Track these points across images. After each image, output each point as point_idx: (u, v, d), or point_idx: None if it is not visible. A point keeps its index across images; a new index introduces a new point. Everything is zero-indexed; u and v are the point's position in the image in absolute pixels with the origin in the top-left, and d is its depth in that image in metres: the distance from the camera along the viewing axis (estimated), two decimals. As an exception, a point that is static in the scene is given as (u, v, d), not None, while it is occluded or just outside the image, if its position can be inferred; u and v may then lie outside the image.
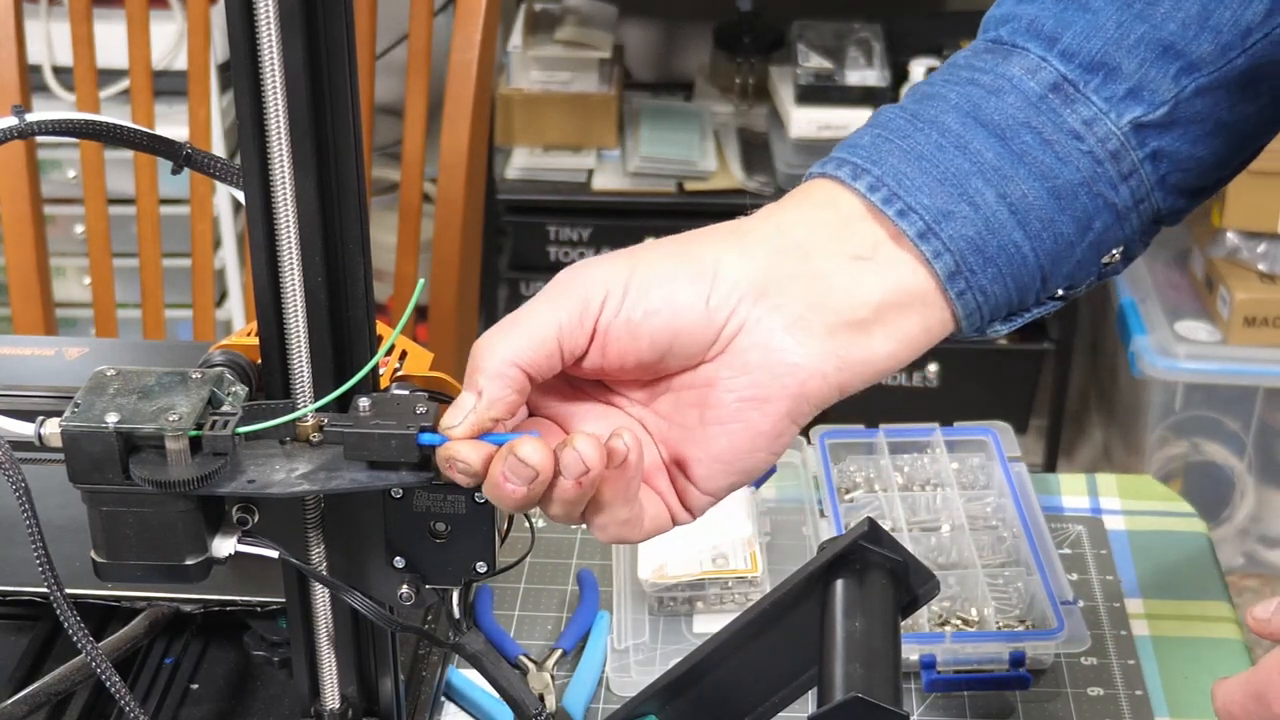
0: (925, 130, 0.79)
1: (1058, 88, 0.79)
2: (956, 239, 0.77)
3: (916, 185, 0.77)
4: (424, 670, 0.98)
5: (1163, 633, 1.06)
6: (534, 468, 0.71)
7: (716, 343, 0.76)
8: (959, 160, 0.78)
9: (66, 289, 2.39)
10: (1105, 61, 0.78)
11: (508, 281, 2.50)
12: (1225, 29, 0.78)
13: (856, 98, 2.39)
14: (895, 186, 0.77)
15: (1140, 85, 0.79)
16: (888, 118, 0.81)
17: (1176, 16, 0.78)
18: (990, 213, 0.77)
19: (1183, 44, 0.78)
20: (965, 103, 0.79)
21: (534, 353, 0.74)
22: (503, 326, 0.75)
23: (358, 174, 0.76)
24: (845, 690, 0.76)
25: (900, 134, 0.79)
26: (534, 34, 2.47)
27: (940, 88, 0.81)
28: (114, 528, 0.76)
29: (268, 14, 0.71)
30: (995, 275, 0.78)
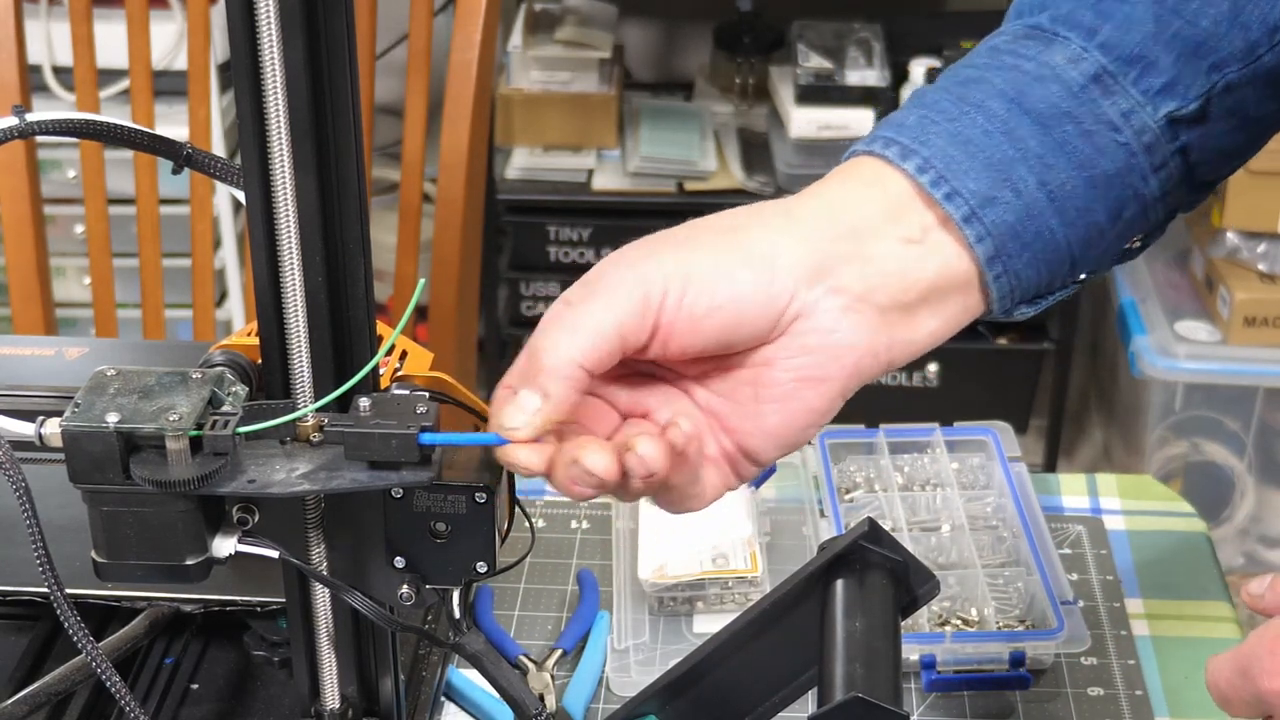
0: (971, 114, 0.80)
1: (1099, 79, 0.80)
2: (998, 224, 0.78)
3: (963, 169, 0.78)
4: (424, 670, 0.98)
5: (1163, 633, 1.06)
6: (600, 476, 0.72)
7: (776, 328, 0.77)
8: (1005, 146, 0.79)
9: (66, 289, 2.39)
10: (1143, 55, 0.80)
11: (508, 281, 2.50)
12: (1254, 26, 0.79)
13: (856, 98, 2.39)
14: (943, 169, 0.78)
15: (1175, 80, 0.80)
16: (934, 99, 0.81)
17: (1208, 13, 0.79)
18: (1030, 199, 0.79)
19: (1214, 40, 0.79)
20: (1010, 88, 0.80)
21: (597, 352, 0.74)
22: (564, 324, 0.75)
23: (358, 174, 0.76)
24: (845, 690, 0.76)
25: (947, 116, 0.80)
26: (534, 34, 2.47)
27: (984, 71, 0.82)
28: (114, 528, 0.76)
29: (268, 14, 0.71)
30: (1030, 260, 0.79)
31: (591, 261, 2.47)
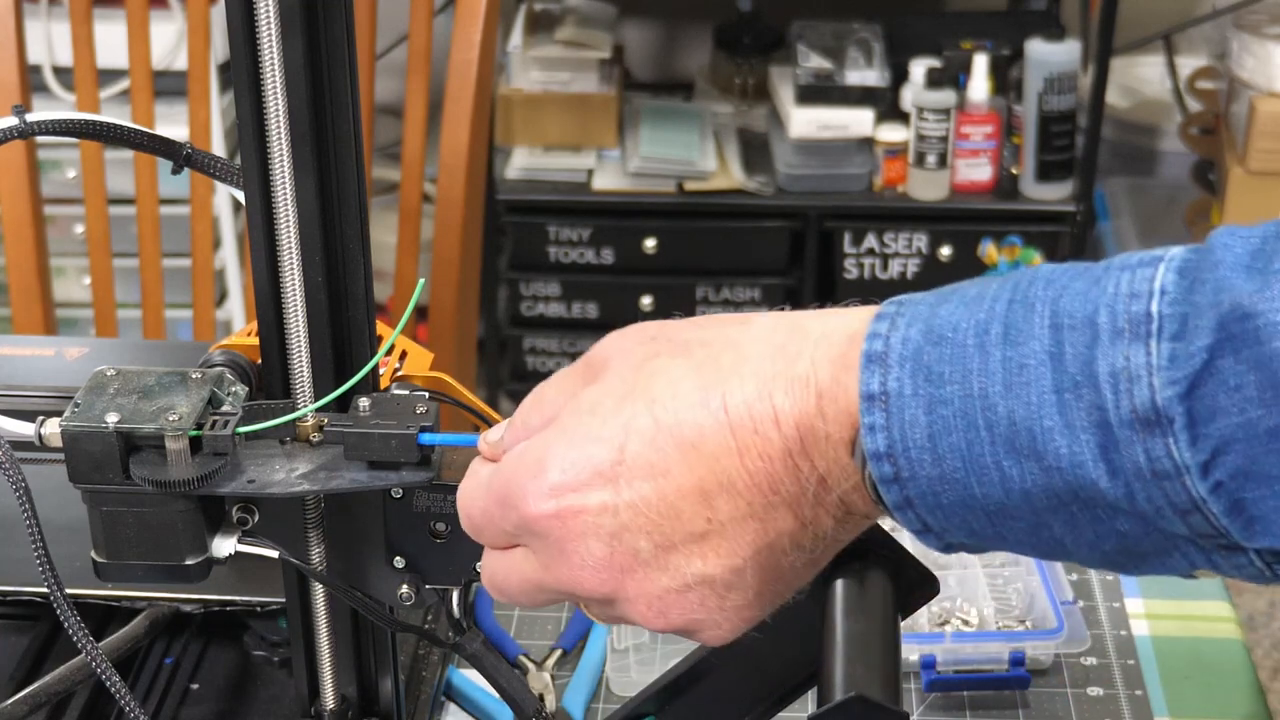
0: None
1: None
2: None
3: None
4: (424, 670, 0.98)
5: (1163, 633, 1.06)
6: None
7: None
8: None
9: (66, 289, 2.39)
10: None
11: (508, 281, 2.50)
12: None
13: (856, 98, 2.39)
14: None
15: None
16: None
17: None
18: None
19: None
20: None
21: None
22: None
23: (358, 174, 0.76)
24: (845, 690, 0.76)
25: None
26: (534, 34, 2.47)
27: None
28: (114, 528, 0.76)
29: (268, 14, 0.71)
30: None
31: (592, 262, 2.49)
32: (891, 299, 0.64)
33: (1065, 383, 0.57)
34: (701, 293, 2.46)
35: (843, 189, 2.42)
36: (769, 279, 2.44)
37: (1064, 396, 0.57)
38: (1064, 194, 2.38)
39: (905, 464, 0.60)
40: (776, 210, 2.42)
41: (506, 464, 0.69)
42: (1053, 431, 0.57)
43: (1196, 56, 2.67)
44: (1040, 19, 2.54)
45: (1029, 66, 2.35)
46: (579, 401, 0.67)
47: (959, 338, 0.60)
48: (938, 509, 0.61)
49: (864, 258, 2.42)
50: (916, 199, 2.40)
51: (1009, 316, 0.59)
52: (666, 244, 2.44)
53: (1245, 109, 2.31)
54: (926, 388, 0.60)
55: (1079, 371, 0.57)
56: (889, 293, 0.67)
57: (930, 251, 2.40)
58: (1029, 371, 0.58)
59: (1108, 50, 2.33)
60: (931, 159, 2.36)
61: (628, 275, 2.47)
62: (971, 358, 0.59)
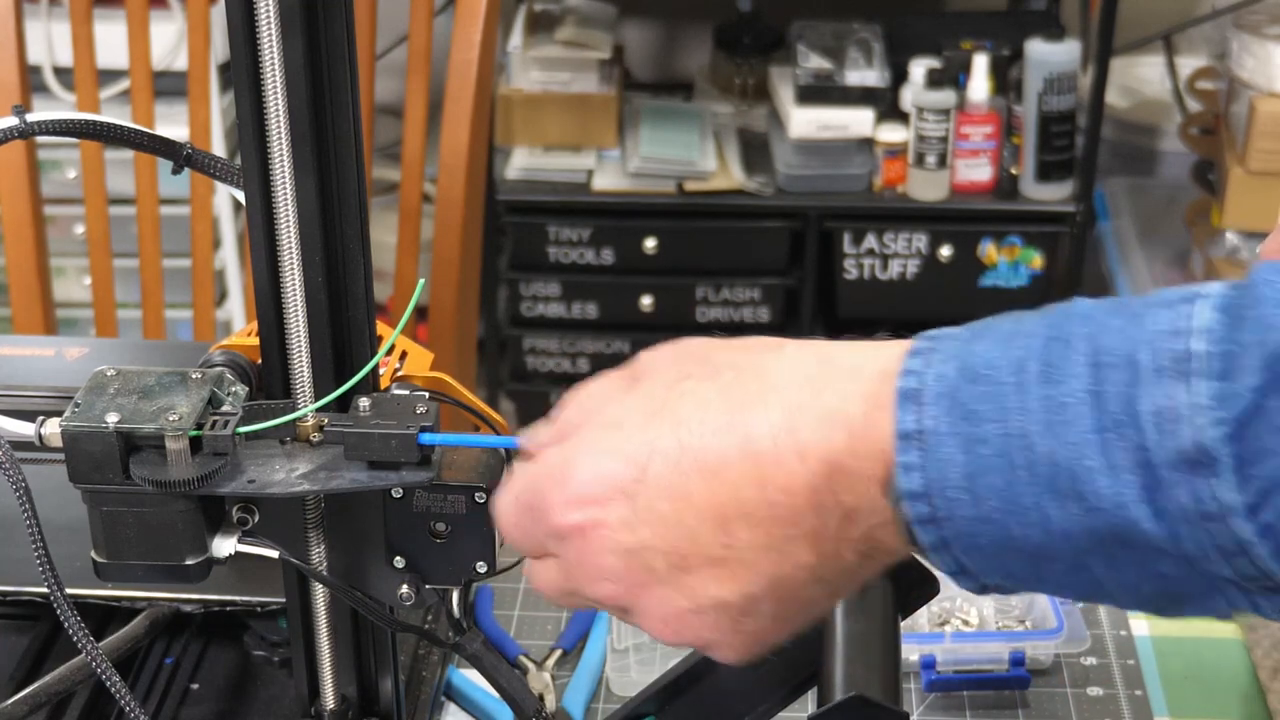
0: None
1: None
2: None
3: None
4: (424, 670, 0.98)
5: (1163, 633, 1.06)
6: None
7: None
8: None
9: (66, 289, 2.39)
10: None
11: (508, 281, 2.50)
12: None
13: (856, 98, 2.39)
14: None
15: None
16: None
17: None
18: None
19: None
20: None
21: None
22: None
23: (358, 174, 0.76)
24: (845, 690, 0.76)
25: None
26: (534, 34, 2.47)
27: None
28: (114, 528, 0.76)
29: (268, 14, 0.71)
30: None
31: (592, 262, 2.49)
32: (924, 334, 0.62)
33: (1107, 422, 0.56)
34: (701, 293, 2.45)
35: (843, 189, 2.42)
36: (769, 279, 2.44)
37: (1106, 436, 0.56)
38: (1064, 194, 2.38)
39: (942, 504, 0.59)
40: (776, 210, 2.42)
41: (533, 471, 0.69)
42: (1095, 472, 0.56)
43: (1196, 56, 2.67)
44: (1040, 19, 2.54)
45: (1029, 66, 2.35)
46: (606, 415, 0.67)
47: (996, 375, 0.59)
48: (975, 550, 0.60)
49: (864, 258, 2.41)
50: (916, 199, 2.40)
51: (1046, 354, 0.58)
52: (666, 244, 2.44)
53: (1245, 109, 2.31)
54: (963, 426, 0.59)
55: (1120, 410, 0.56)
56: (889, 293, 0.67)
57: (930, 252, 2.40)
58: (1069, 410, 0.57)
59: (1108, 50, 2.33)
60: (931, 159, 2.36)
61: (628, 275, 2.47)
62: (1009, 396, 0.58)
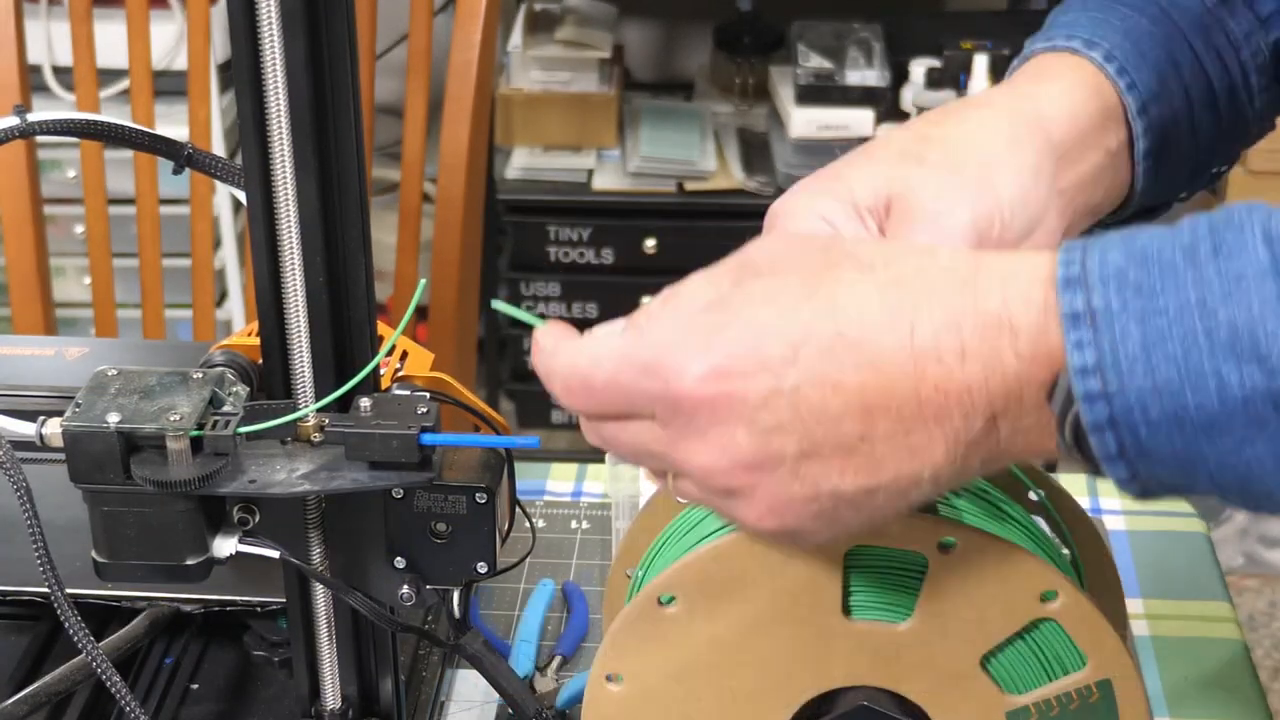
0: (1135, 18, 0.85)
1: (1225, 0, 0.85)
2: (1157, 119, 0.84)
3: (1136, 66, 0.83)
4: (424, 670, 0.98)
5: (1163, 633, 1.06)
6: None
7: None
8: (1163, 50, 0.84)
9: (66, 289, 2.39)
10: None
11: (508, 281, 2.50)
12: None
13: (856, 98, 2.39)
14: (1123, 61, 0.83)
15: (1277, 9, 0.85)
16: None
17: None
18: (1178, 105, 0.84)
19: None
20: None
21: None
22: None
23: (358, 174, 0.76)
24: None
25: (1119, 16, 0.85)
26: (534, 34, 2.47)
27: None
28: (115, 527, 0.76)
29: (269, 14, 0.71)
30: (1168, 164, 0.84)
31: (592, 262, 2.49)
32: (1069, 241, 0.65)
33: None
34: (701, 293, 2.45)
35: (843, 189, 2.42)
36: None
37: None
38: (1064, 194, 2.38)
39: (1114, 377, 0.60)
40: (776, 210, 2.42)
41: (657, 334, 0.67)
42: (1277, 335, 0.58)
43: (1196, 57, 2.67)
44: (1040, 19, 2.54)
45: (1029, 67, 2.35)
46: (749, 290, 0.66)
47: (1166, 257, 0.60)
48: (1144, 424, 0.60)
49: (864, 258, 2.41)
50: (916, 199, 2.39)
51: (1215, 237, 0.60)
52: (666, 244, 2.44)
53: (1245, 109, 2.31)
54: (1136, 301, 0.60)
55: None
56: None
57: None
58: (1247, 281, 0.59)
59: (1108, 50, 2.33)
60: (931, 159, 2.36)
61: (628, 275, 2.47)
62: (1184, 271, 0.60)
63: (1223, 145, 0.88)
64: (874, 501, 0.66)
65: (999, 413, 0.63)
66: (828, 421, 0.64)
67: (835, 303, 0.65)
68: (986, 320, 0.63)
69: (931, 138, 0.79)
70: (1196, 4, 0.86)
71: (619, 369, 0.67)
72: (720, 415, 0.65)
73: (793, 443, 0.65)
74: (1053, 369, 0.62)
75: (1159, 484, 0.63)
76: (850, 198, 0.78)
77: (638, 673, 0.77)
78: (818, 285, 0.65)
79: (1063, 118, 0.81)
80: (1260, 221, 0.60)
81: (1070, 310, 0.61)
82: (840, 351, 0.64)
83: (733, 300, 0.66)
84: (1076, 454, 0.62)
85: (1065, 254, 0.63)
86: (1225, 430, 0.60)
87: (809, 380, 0.64)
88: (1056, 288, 0.62)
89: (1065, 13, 0.87)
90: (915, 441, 0.64)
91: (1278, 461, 0.60)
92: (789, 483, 0.65)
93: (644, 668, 0.77)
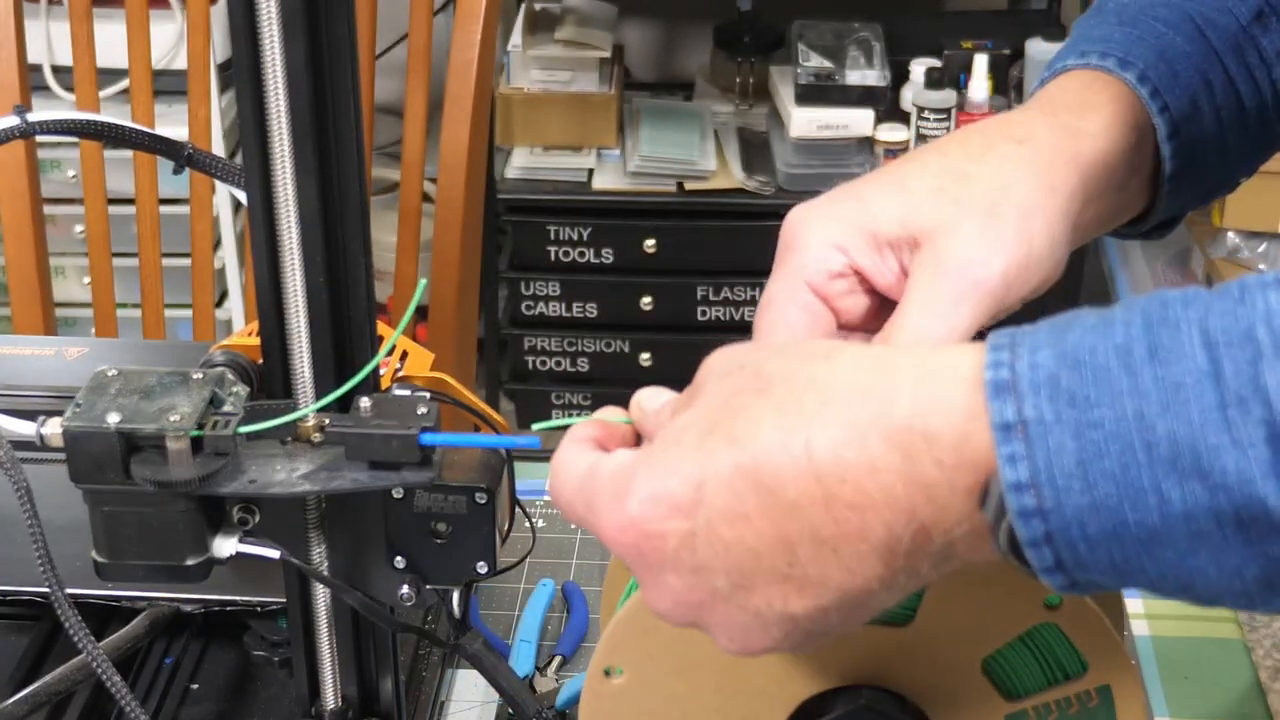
0: (1170, 35, 0.83)
1: (1260, 16, 0.84)
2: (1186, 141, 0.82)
3: (1169, 88, 0.82)
4: (424, 670, 0.98)
5: (1163, 633, 1.06)
6: None
7: None
8: (1196, 69, 0.83)
9: (66, 289, 2.39)
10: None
11: (508, 281, 2.50)
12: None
13: (856, 98, 2.39)
14: (1156, 82, 0.82)
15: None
16: (1133, 14, 0.85)
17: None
18: (1209, 125, 0.83)
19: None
20: (1198, 16, 0.84)
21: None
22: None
23: (359, 174, 0.76)
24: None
25: (1154, 33, 0.84)
26: (534, 34, 2.47)
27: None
28: (115, 527, 0.76)
29: (269, 14, 0.71)
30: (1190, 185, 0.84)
31: (592, 262, 2.49)
32: (996, 331, 0.61)
33: (1230, 399, 0.55)
34: (701, 293, 2.46)
35: (843, 189, 2.42)
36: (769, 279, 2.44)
37: (1229, 413, 0.55)
38: (1064, 194, 2.38)
39: (1050, 494, 0.57)
40: (776, 210, 2.41)
41: (601, 471, 0.67)
42: (1219, 449, 0.55)
43: (1196, 56, 2.67)
44: (1040, 19, 2.54)
45: (1029, 66, 2.35)
46: (669, 430, 0.65)
47: (1099, 360, 0.57)
48: (1081, 541, 0.58)
49: (864, 258, 2.41)
50: (916, 199, 2.39)
51: (1151, 338, 0.57)
52: (666, 244, 2.44)
53: (1245, 109, 2.31)
54: (1071, 412, 0.57)
55: (1243, 387, 0.55)
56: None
57: (930, 251, 2.40)
58: (1186, 390, 0.56)
59: (1108, 50, 2.33)
60: (931, 159, 2.36)
61: (628, 275, 2.47)
62: (1119, 379, 0.57)
63: (1248, 160, 0.87)
64: (832, 619, 0.64)
65: (928, 523, 0.60)
66: (748, 555, 0.62)
67: (732, 432, 0.63)
68: (895, 429, 0.60)
69: (970, 176, 0.76)
70: (1232, 21, 0.84)
71: (572, 501, 0.68)
72: (647, 561, 0.65)
73: (722, 578, 0.63)
74: (979, 475, 0.59)
75: (1097, 587, 0.61)
76: (872, 226, 0.76)
77: (637, 666, 0.77)
78: (719, 416, 0.64)
79: (1099, 158, 0.78)
80: (1198, 321, 0.56)
81: (1000, 420, 0.58)
82: (739, 483, 0.62)
83: (656, 440, 0.66)
84: (1012, 559, 0.60)
85: (993, 354, 0.59)
86: (1166, 544, 0.57)
87: (719, 517, 0.62)
88: (985, 392, 0.58)
89: (1097, 25, 0.84)
90: (846, 560, 0.61)
91: (1219, 571, 0.57)
92: (736, 614, 0.64)
93: (643, 662, 0.77)
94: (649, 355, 2.47)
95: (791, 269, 0.77)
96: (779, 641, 0.65)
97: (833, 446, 0.60)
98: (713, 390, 0.65)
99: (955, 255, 0.74)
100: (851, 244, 0.76)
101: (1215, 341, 0.56)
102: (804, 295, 0.77)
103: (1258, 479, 0.55)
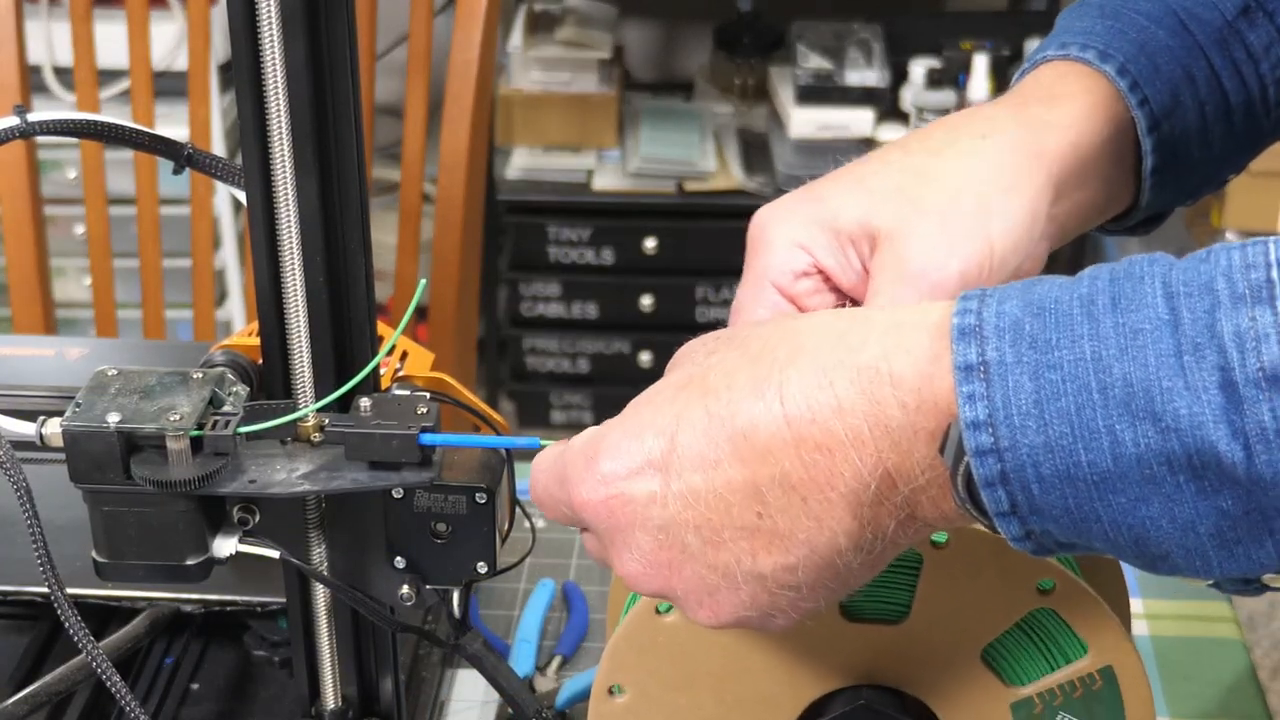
0: (1152, 29, 0.83)
1: (1247, 11, 0.84)
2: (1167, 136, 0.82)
3: (1150, 80, 0.82)
4: (424, 670, 0.98)
5: (1162, 633, 1.06)
6: None
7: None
8: (1178, 64, 0.83)
9: (66, 289, 2.39)
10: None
11: (508, 281, 2.50)
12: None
13: (856, 98, 2.39)
14: (1136, 75, 0.81)
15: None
16: (1115, 7, 0.84)
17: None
18: (1191, 119, 0.83)
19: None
20: (1181, 9, 0.84)
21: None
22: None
23: (359, 174, 0.76)
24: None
25: (1135, 27, 0.83)
26: (534, 34, 2.48)
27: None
28: (115, 527, 0.76)
29: (269, 14, 0.71)
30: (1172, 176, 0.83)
31: (592, 262, 2.49)
32: (965, 292, 0.62)
33: (1185, 345, 0.56)
34: (701, 293, 2.46)
35: (843, 189, 2.42)
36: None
37: (1184, 359, 0.56)
38: (1064, 194, 2.38)
39: (1006, 432, 0.58)
40: (776, 210, 2.42)
41: (574, 445, 0.68)
42: (1172, 393, 0.56)
43: (1196, 57, 2.67)
44: (1040, 19, 2.54)
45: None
46: (640, 396, 0.66)
47: (1062, 309, 0.58)
48: (1036, 482, 0.59)
49: (864, 258, 2.42)
50: (916, 199, 2.40)
51: (1114, 289, 0.58)
52: (666, 244, 2.45)
53: (1245, 109, 2.32)
54: (1031, 354, 0.58)
55: (1199, 335, 0.56)
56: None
57: (930, 252, 2.40)
58: (1144, 336, 0.57)
59: (1108, 50, 2.33)
60: (931, 159, 2.36)
61: (628, 275, 2.47)
62: (1080, 324, 0.58)
63: (1235, 156, 0.87)
64: (798, 579, 0.64)
65: (892, 469, 0.61)
66: (719, 505, 0.63)
67: (706, 384, 0.64)
68: (861, 372, 0.61)
69: (930, 174, 0.77)
70: (1216, 16, 0.83)
71: (547, 484, 0.69)
72: (617, 520, 0.65)
73: (691, 533, 0.64)
74: (941, 419, 0.60)
75: (1053, 541, 0.61)
76: (833, 224, 0.77)
77: (639, 684, 0.77)
78: (692, 373, 0.65)
79: (1067, 149, 0.78)
80: (1161, 274, 0.58)
81: (963, 362, 0.59)
82: (713, 430, 0.63)
83: (626, 408, 0.67)
84: (971, 507, 0.60)
85: (962, 303, 0.60)
86: (1118, 489, 0.58)
87: (690, 466, 0.63)
88: (950, 336, 0.59)
89: (1080, 17, 0.84)
90: (815, 509, 0.62)
91: (1172, 523, 0.58)
92: (706, 576, 0.65)
93: (645, 678, 0.77)
94: (649, 355, 2.47)
95: (758, 271, 0.78)
96: (747, 605, 0.65)
97: (803, 389, 0.62)
98: (686, 360, 0.67)
99: (913, 258, 0.75)
100: (815, 243, 0.77)
101: (1176, 292, 0.57)
102: (771, 296, 0.78)
103: (1209, 423, 0.56)
